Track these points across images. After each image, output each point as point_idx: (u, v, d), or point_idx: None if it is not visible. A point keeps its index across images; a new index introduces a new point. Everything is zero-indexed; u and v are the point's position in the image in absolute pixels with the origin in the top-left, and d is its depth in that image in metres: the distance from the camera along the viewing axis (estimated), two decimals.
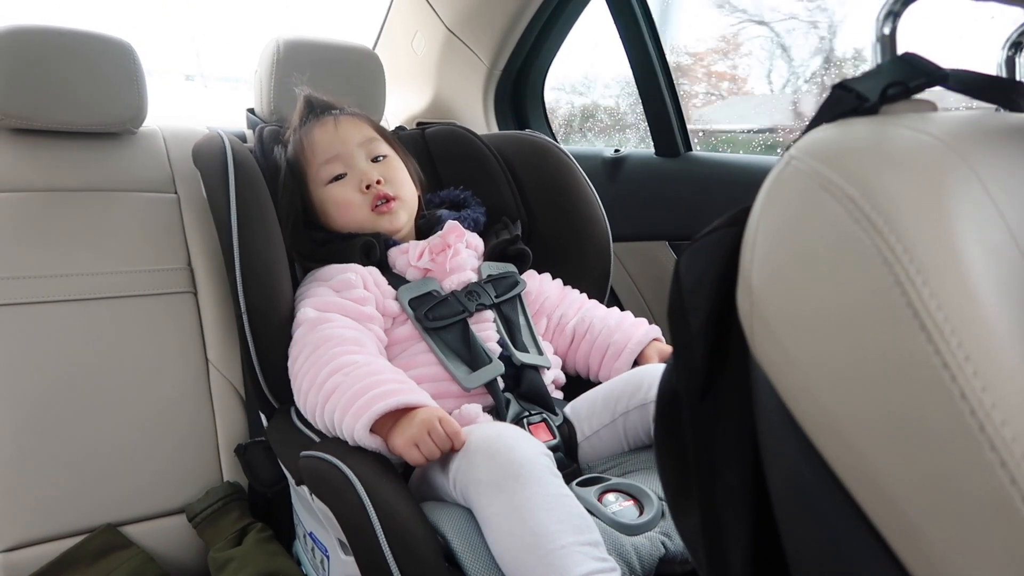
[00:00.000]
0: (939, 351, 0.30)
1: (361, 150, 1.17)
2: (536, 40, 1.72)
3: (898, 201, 0.33)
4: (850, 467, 0.33)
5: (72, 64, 1.23)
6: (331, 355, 0.94)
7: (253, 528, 1.11)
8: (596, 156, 1.67)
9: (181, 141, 1.37)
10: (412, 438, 0.85)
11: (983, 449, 0.29)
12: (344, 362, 0.93)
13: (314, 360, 0.95)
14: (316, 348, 0.96)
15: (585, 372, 1.20)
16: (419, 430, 0.85)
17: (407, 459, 0.86)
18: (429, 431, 0.85)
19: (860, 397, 0.33)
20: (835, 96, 0.42)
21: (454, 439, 0.85)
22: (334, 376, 0.92)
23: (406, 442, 0.85)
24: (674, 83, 1.56)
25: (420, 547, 0.78)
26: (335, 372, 0.92)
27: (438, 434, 0.85)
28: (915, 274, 0.31)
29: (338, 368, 0.92)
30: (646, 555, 0.80)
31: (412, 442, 0.85)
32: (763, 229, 0.39)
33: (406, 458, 0.86)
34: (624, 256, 1.59)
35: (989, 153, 0.35)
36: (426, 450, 0.85)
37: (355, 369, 0.92)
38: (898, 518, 0.32)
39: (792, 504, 0.38)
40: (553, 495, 0.78)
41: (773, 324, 0.37)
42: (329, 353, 0.94)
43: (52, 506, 1.08)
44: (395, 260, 1.12)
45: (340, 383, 0.91)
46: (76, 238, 1.21)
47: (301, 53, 1.36)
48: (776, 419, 0.37)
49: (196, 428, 1.19)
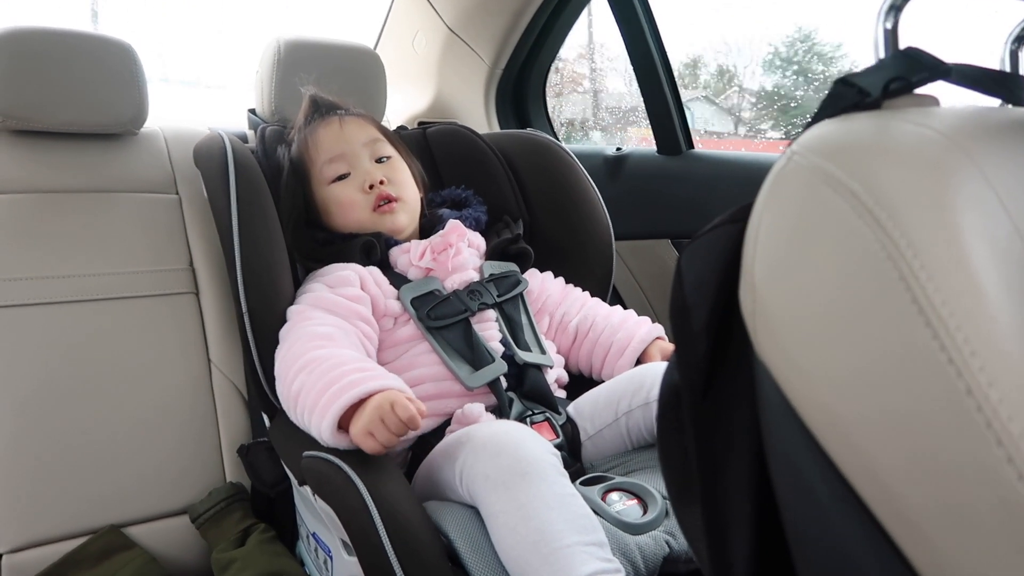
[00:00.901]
0: (944, 347, 0.30)
1: (365, 150, 1.17)
2: (537, 39, 1.72)
3: (901, 196, 0.33)
4: (854, 463, 0.33)
5: (73, 65, 1.23)
6: (298, 352, 0.93)
7: (256, 529, 1.11)
8: (598, 154, 1.67)
9: (182, 142, 1.38)
10: (365, 427, 0.82)
11: (990, 445, 0.28)
12: (308, 359, 0.90)
13: (285, 360, 0.94)
14: (290, 348, 0.95)
15: (588, 371, 1.20)
16: (371, 418, 0.82)
17: (364, 449, 0.83)
18: (382, 417, 0.82)
19: (864, 393, 0.32)
20: (837, 91, 0.41)
21: (409, 423, 0.82)
22: (299, 376, 0.90)
23: (360, 432, 0.83)
24: (675, 81, 1.55)
25: (423, 547, 0.78)
26: (300, 371, 0.90)
27: (391, 420, 0.82)
28: (919, 269, 0.31)
29: (303, 367, 0.90)
30: (650, 554, 0.80)
31: (366, 431, 0.82)
32: (765, 225, 0.39)
33: (363, 448, 0.83)
34: (626, 255, 1.59)
35: (993, 148, 0.35)
36: (382, 438, 0.82)
37: (317, 365, 0.89)
38: (903, 514, 0.31)
39: (796, 501, 0.38)
40: (559, 494, 0.78)
41: (776, 321, 0.37)
42: (297, 351, 0.93)
43: (55, 507, 1.08)
44: (396, 259, 1.12)
45: (304, 383, 0.88)
46: (78, 239, 1.21)
47: (302, 53, 1.36)
48: (779, 415, 0.37)
49: (198, 429, 1.19)
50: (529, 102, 1.86)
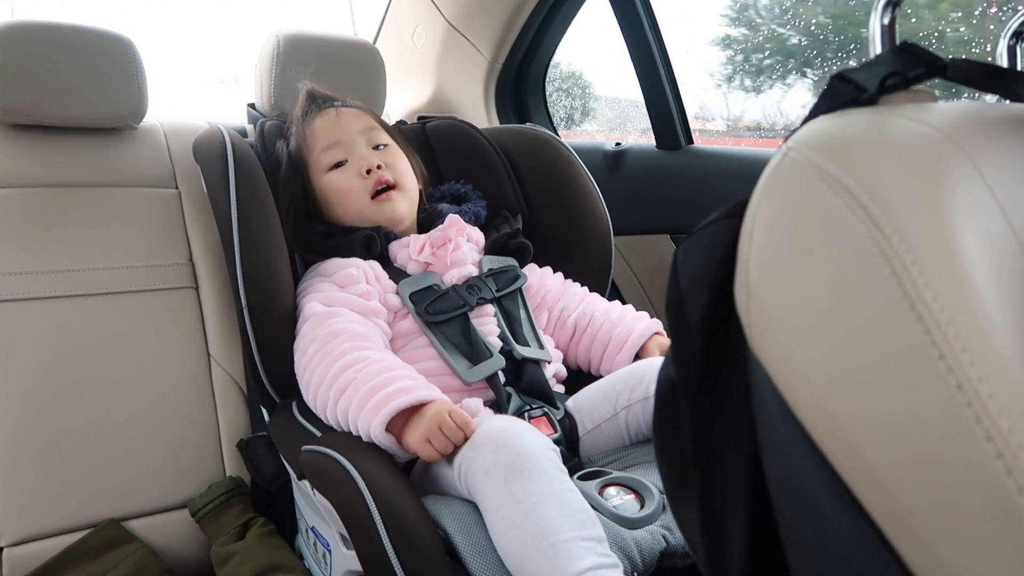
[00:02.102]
0: (935, 342, 0.30)
1: (362, 137, 1.17)
2: (537, 33, 1.72)
3: (895, 192, 0.33)
4: (846, 459, 0.33)
5: (72, 60, 1.23)
6: (341, 350, 0.94)
7: (255, 523, 1.12)
8: (597, 149, 1.67)
9: (182, 136, 1.38)
10: (424, 434, 0.85)
11: (979, 440, 0.29)
12: (356, 358, 0.92)
13: (324, 355, 0.95)
14: (326, 343, 0.95)
15: (586, 366, 1.20)
16: (430, 425, 0.85)
17: (422, 456, 0.86)
18: (440, 425, 0.85)
19: (856, 388, 0.32)
20: (833, 87, 0.41)
21: (465, 429, 0.85)
22: (346, 372, 0.91)
23: (419, 439, 0.85)
24: (675, 76, 1.55)
25: (421, 541, 0.78)
26: (347, 368, 0.92)
27: (449, 427, 0.85)
28: (911, 265, 0.31)
29: (350, 364, 0.92)
30: (647, 548, 0.80)
31: (424, 438, 0.85)
32: (761, 221, 0.39)
33: (420, 455, 0.86)
34: (625, 250, 1.59)
35: (988, 144, 0.35)
36: (439, 445, 0.85)
37: (367, 365, 0.91)
38: (894, 510, 0.31)
39: (789, 495, 0.38)
40: (558, 489, 0.78)
41: (770, 316, 0.37)
42: (340, 348, 0.94)
43: (55, 501, 1.08)
44: (396, 254, 1.12)
45: (353, 379, 0.90)
46: (77, 234, 1.21)
47: (301, 48, 1.35)
48: (773, 410, 0.37)
49: (198, 423, 1.20)
50: (529, 97, 1.86)
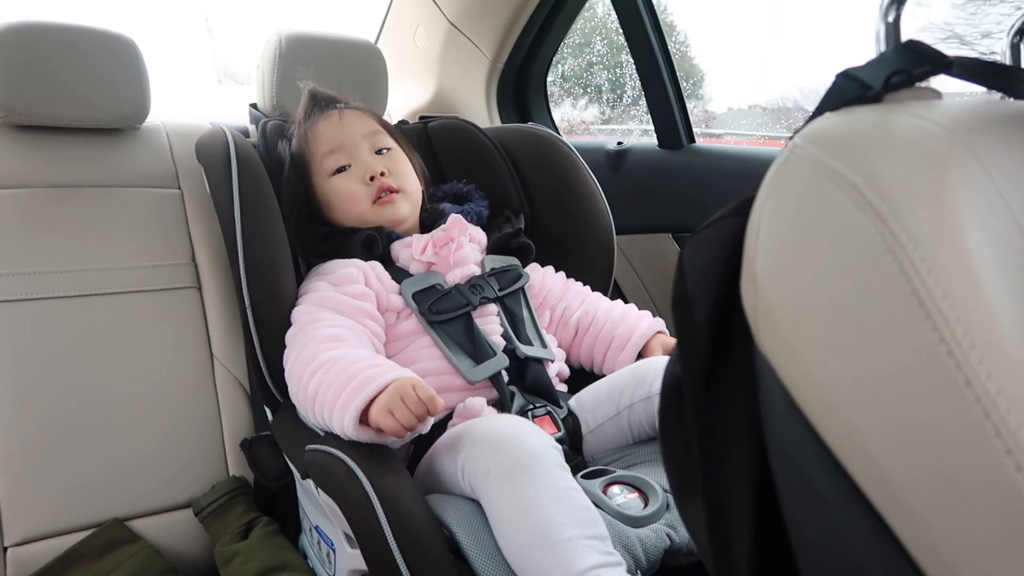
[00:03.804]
0: (944, 339, 0.30)
1: (365, 142, 1.17)
2: (539, 33, 1.71)
3: (902, 189, 0.33)
4: (853, 456, 0.33)
5: (75, 60, 1.23)
6: (308, 356, 0.93)
7: (259, 522, 1.12)
8: (599, 148, 1.67)
9: (184, 136, 1.38)
10: (385, 405, 0.83)
11: (988, 436, 0.29)
12: (322, 360, 0.92)
13: (298, 362, 0.95)
14: (301, 350, 0.95)
15: (589, 365, 1.20)
16: (390, 396, 0.83)
17: (383, 427, 0.83)
18: (403, 397, 0.83)
19: (863, 385, 0.32)
20: (839, 84, 0.41)
21: (429, 404, 0.83)
22: (315, 376, 0.91)
23: (380, 410, 0.84)
24: (676, 74, 1.55)
25: (425, 539, 0.78)
26: (315, 373, 0.91)
27: (411, 399, 0.83)
28: (920, 262, 0.31)
29: (317, 368, 0.91)
30: (651, 547, 0.80)
31: (386, 410, 0.83)
32: (767, 219, 0.39)
33: (382, 426, 0.83)
34: (627, 249, 1.58)
35: (994, 141, 0.35)
36: (401, 416, 0.83)
37: (333, 365, 0.90)
38: (903, 506, 0.32)
39: (796, 492, 0.38)
40: (561, 488, 0.78)
41: (776, 314, 0.37)
42: (310, 353, 0.94)
43: (59, 501, 1.08)
44: (398, 254, 1.12)
45: (321, 382, 0.90)
46: (80, 234, 1.21)
47: (303, 48, 1.35)
48: (780, 408, 0.37)
49: (201, 423, 1.20)
50: (530, 96, 1.86)
